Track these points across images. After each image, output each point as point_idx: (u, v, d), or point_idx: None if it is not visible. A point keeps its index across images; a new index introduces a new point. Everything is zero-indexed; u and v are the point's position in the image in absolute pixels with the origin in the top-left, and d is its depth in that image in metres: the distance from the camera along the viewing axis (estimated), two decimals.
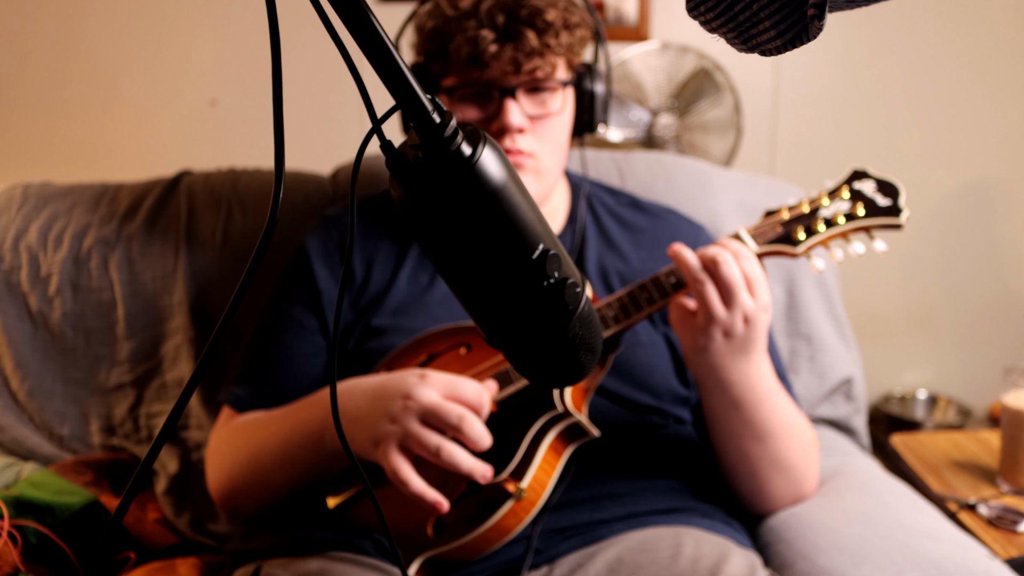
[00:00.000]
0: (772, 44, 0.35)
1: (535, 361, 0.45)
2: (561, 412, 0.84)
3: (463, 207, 0.38)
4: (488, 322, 0.43)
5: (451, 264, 0.41)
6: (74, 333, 1.32)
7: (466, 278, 0.41)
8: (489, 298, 0.42)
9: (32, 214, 1.36)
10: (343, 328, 1.02)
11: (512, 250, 0.40)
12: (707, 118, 2.05)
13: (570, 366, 0.45)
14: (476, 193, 0.38)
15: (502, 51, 0.93)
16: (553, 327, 0.42)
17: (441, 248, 0.40)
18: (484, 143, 0.38)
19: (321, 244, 1.06)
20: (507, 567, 0.85)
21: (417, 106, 0.37)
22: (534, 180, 0.99)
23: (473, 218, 0.39)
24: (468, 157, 0.38)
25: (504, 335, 0.43)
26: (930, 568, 0.83)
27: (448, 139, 0.38)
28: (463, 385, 0.82)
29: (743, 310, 0.84)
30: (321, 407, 0.90)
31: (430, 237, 0.40)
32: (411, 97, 0.37)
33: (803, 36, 0.34)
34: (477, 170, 0.38)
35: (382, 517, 0.51)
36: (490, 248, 0.39)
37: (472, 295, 0.42)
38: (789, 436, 0.92)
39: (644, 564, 0.80)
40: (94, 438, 1.30)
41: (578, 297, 0.42)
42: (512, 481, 0.82)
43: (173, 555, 1.10)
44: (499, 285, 0.41)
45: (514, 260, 0.40)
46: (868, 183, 0.91)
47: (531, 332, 0.43)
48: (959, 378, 2.34)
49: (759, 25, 0.34)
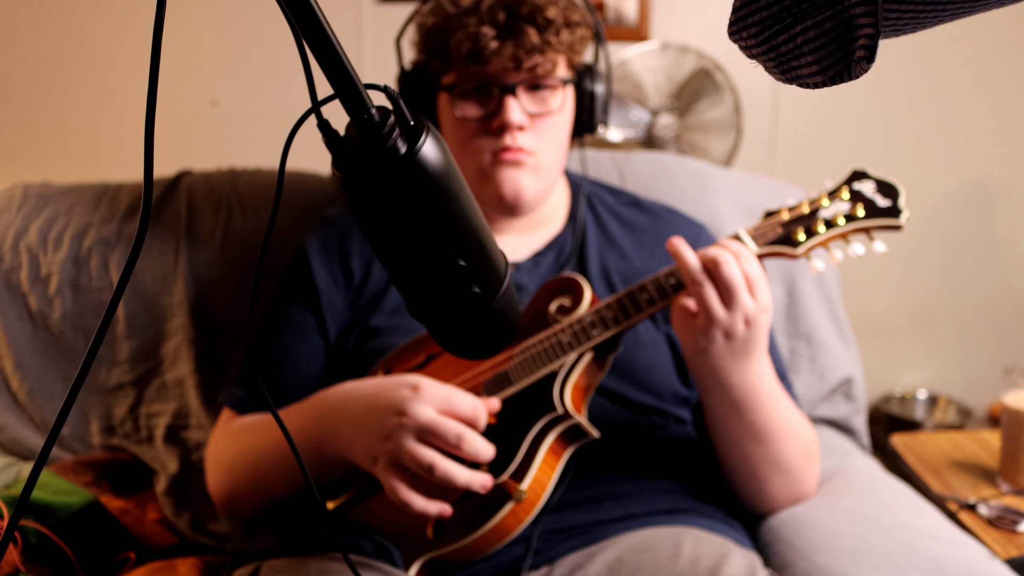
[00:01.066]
0: (812, 79, 0.34)
1: (450, 336, 0.49)
2: (561, 414, 0.84)
3: (391, 203, 0.40)
4: (410, 298, 0.47)
5: (379, 247, 0.43)
6: (74, 333, 1.32)
7: (391, 260, 0.44)
8: (410, 279, 0.45)
9: (32, 214, 1.36)
10: (341, 328, 1.02)
11: (434, 245, 0.42)
12: (707, 118, 2.05)
13: (481, 345, 0.49)
14: (405, 189, 0.39)
15: (503, 47, 0.93)
16: (463, 313, 0.46)
17: (370, 233, 0.42)
18: (423, 139, 0.39)
19: (320, 245, 1.06)
20: (507, 567, 0.85)
21: (355, 99, 0.38)
22: (533, 177, 0.99)
23: (399, 212, 0.40)
24: (402, 154, 0.38)
25: (423, 311, 0.47)
26: (930, 568, 0.83)
27: (384, 136, 0.38)
28: (458, 399, 0.81)
29: (744, 311, 0.83)
30: (318, 414, 0.89)
31: (361, 222, 0.42)
32: (349, 89, 0.38)
33: (845, 74, 0.33)
34: (409, 168, 0.39)
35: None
36: (413, 240, 0.42)
37: (395, 274, 0.45)
38: (790, 437, 0.92)
39: (644, 564, 0.80)
40: (94, 438, 1.30)
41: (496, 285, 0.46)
42: (512, 483, 0.82)
43: (173, 555, 1.10)
44: (419, 271, 0.44)
45: (435, 255, 0.42)
46: (868, 184, 0.91)
47: (445, 314, 0.46)
48: (959, 378, 2.33)
49: (801, 59, 0.34)
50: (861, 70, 0.32)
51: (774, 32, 0.34)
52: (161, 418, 1.30)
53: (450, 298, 0.45)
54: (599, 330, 0.87)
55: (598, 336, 0.87)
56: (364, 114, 0.38)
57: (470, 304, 0.45)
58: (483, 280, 0.45)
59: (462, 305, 0.45)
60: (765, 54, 0.35)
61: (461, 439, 0.78)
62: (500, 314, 0.47)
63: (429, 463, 0.77)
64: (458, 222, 0.42)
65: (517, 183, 0.98)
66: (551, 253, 1.07)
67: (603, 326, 0.88)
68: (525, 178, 0.98)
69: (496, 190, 0.98)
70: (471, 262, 0.43)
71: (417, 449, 0.78)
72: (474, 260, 0.43)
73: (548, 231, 1.08)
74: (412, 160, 0.38)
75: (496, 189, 0.98)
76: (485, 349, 0.49)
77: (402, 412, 0.80)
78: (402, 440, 0.79)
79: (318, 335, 1.01)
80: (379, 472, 0.81)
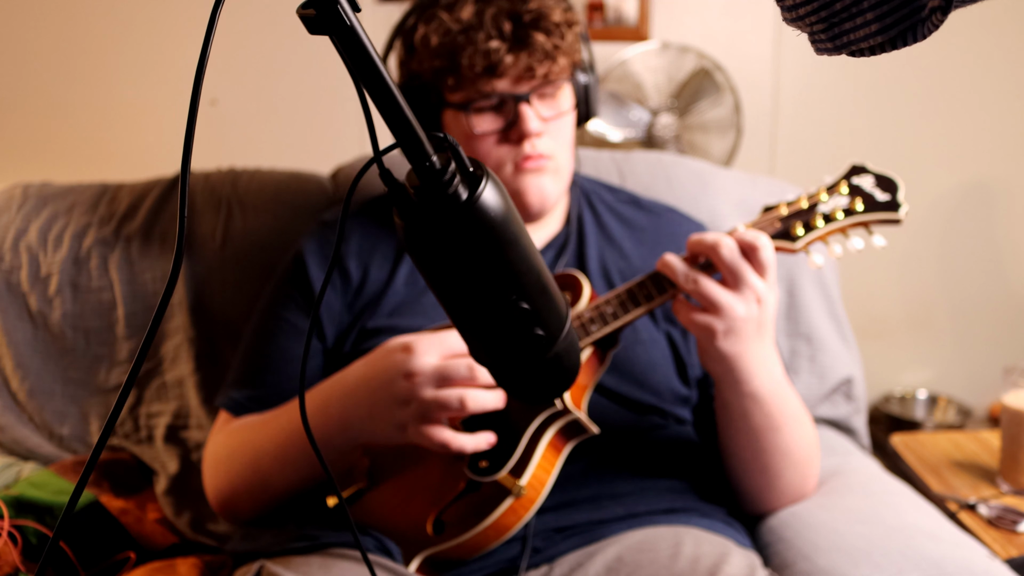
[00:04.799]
0: (869, 42, 0.31)
1: (514, 379, 0.49)
2: (560, 409, 0.84)
3: (454, 249, 0.40)
4: (472, 342, 0.47)
5: (441, 293, 0.44)
6: (74, 333, 1.32)
7: (453, 305, 0.45)
8: (473, 324, 0.45)
9: (32, 214, 1.37)
10: (339, 331, 1.02)
11: (497, 290, 0.42)
12: (707, 118, 2.05)
13: (544, 388, 0.50)
14: (467, 235, 0.40)
15: (517, 60, 0.93)
16: (526, 357, 0.46)
17: (432, 279, 0.43)
18: (484, 185, 0.40)
19: (318, 248, 1.06)
20: (506, 565, 0.85)
21: (416, 147, 0.39)
22: (554, 180, 1.00)
23: (461, 258, 0.41)
24: (463, 202, 0.39)
25: (486, 355, 0.47)
26: (930, 568, 0.83)
27: (445, 184, 0.39)
28: (451, 340, 0.84)
29: (754, 291, 0.83)
30: (318, 409, 0.90)
31: (423, 268, 0.43)
32: (411, 138, 0.38)
33: (910, 34, 0.30)
34: (470, 215, 0.39)
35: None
36: (475, 285, 0.42)
37: (458, 318, 0.45)
38: (800, 427, 0.92)
39: (644, 564, 0.80)
40: (94, 438, 1.30)
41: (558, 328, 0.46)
42: (511, 478, 0.82)
43: (173, 555, 1.10)
44: (482, 315, 0.44)
45: (498, 299, 0.43)
46: (867, 178, 0.91)
47: (508, 359, 0.47)
48: (959, 378, 2.33)
49: (858, 17, 0.30)
50: (931, 26, 0.29)
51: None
52: (161, 418, 1.30)
53: (513, 342, 0.45)
54: (598, 325, 0.87)
55: (597, 332, 0.87)
56: (426, 162, 0.39)
57: (533, 347, 0.46)
58: (545, 323, 0.45)
59: (525, 348, 0.46)
60: (815, 12, 0.31)
61: (472, 369, 0.80)
62: (563, 356, 0.48)
63: (459, 398, 0.79)
64: (520, 265, 0.42)
65: (542, 190, 0.99)
66: (550, 251, 1.07)
67: (602, 321, 0.88)
68: (548, 183, 0.99)
69: (522, 199, 0.99)
70: (534, 305, 0.44)
71: (441, 394, 0.80)
72: (536, 303, 0.44)
73: (548, 230, 1.09)
74: (473, 206, 0.39)
75: (522, 199, 0.99)
76: (548, 392, 0.50)
77: (409, 373, 0.81)
78: (423, 395, 0.80)
79: (315, 338, 1.01)
80: (412, 437, 0.82)
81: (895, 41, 0.30)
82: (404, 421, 0.82)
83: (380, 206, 1.11)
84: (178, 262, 0.37)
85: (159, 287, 1.33)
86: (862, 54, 0.31)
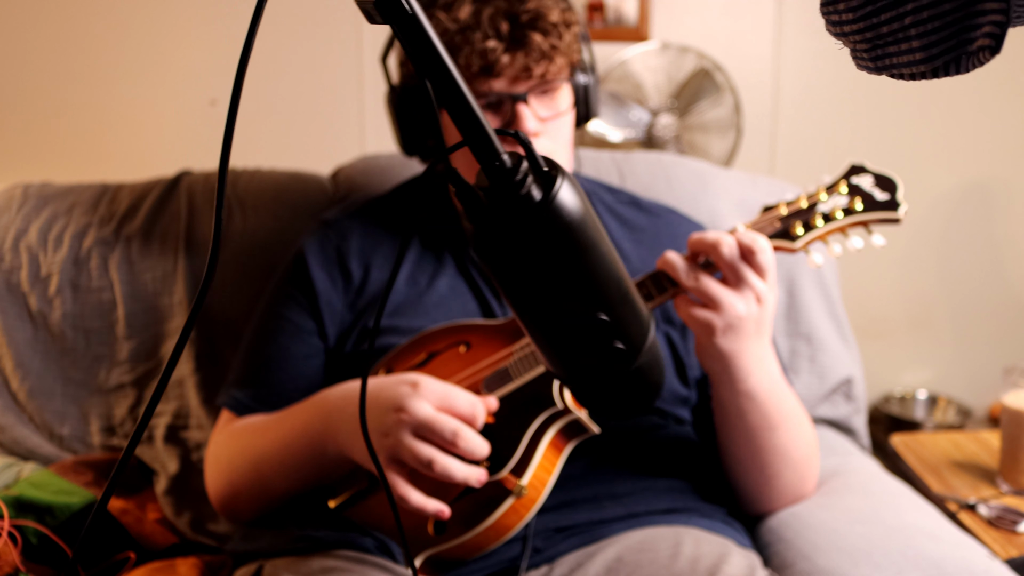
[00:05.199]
0: (911, 68, 0.30)
1: (592, 394, 0.45)
2: (561, 409, 0.84)
3: (527, 255, 0.37)
4: (548, 355, 0.43)
5: (515, 300, 0.40)
6: (74, 333, 1.32)
7: (526, 314, 0.41)
8: (548, 335, 0.41)
9: (32, 214, 1.37)
10: (341, 330, 1.02)
11: (573, 299, 0.39)
12: (707, 118, 2.05)
13: (625, 405, 0.46)
14: (542, 238, 0.37)
15: (514, 60, 0.93)
16: (605, 371, 0.42)
17: (505, 286, 0.40)
18: (559, 185, 0.37)
19: (319, 247, 1.06)
20: (506, 566, 0.85)
21: (486, 146, 0.36)
22: None
23: (536, 263, 0.38)
24: (537, 203, 0.36)
25: (563, 369, 0.43)
26: (930, 568, 0.83)
27: (517, 184, 0.36)
28: (456, 396, 0.81)
29: (754, 290, 0.83)
30: (320, 413, 0.90)
31: (496, 274, 0.39)
32: (480, 136, 0.36)
33: (953, 66, 0.29)
34: (545, 217, 0.36)
35: (398, 516, 0.52)
36: (551, 293, 0.39)
37: (532, 329, 0.42)
38: (798, 427, 0.92)
39: (643, 564, 0.80)
40: (94, 438, 1.30)
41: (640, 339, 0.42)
42: (512, 478, 0.82)
43: (173, 555, 1.10)
44: (557, 326, 0.40)
45: (574, 309, 0.39)
46: (866, 178, 0.91)
47: (585, 373, 0.43)
48: (959, 378, 2.34)
49: (903, 43, 0.30)
50: (976, 62, 0.29)
51: (879, 8, 0.30)
52: (161, 418, 1.31)
53: (592, 355, 0.41)
54: None
55: None
56: (496, 161, 0.36)
57: (613, 361, 0.42)
58: (626, 335, 0.41)
59: (605, 362, 0.42)
60: (860, 32, 0.31)
61: (457, 435, 0.78)
62: (645, 370, 0.44)
63: (428, 458, 0.78)
64: (599, 272, 0.39)
65: None
66: None
67: None
68: None
69: None
70: (613, 316, 0.40)
71: (415, 445, 0.78)
72: (616, 313, 0.40)
73: None
74: (548, 207, 0.36)
75: None
76: (629, 408, 0.46)
77: (400, 408, 0.80)
78: (400, 436, 0.79)
79: (317, 337, 1.02)
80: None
81: (936, 70, 0.30)
82: (377, 451, 0.81)
83: (381, 206, 1.11)
84: (213, 260, 0.35)
85: (159, 287, 1.33)
86: (902, 77, 0.31)
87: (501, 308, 1.01)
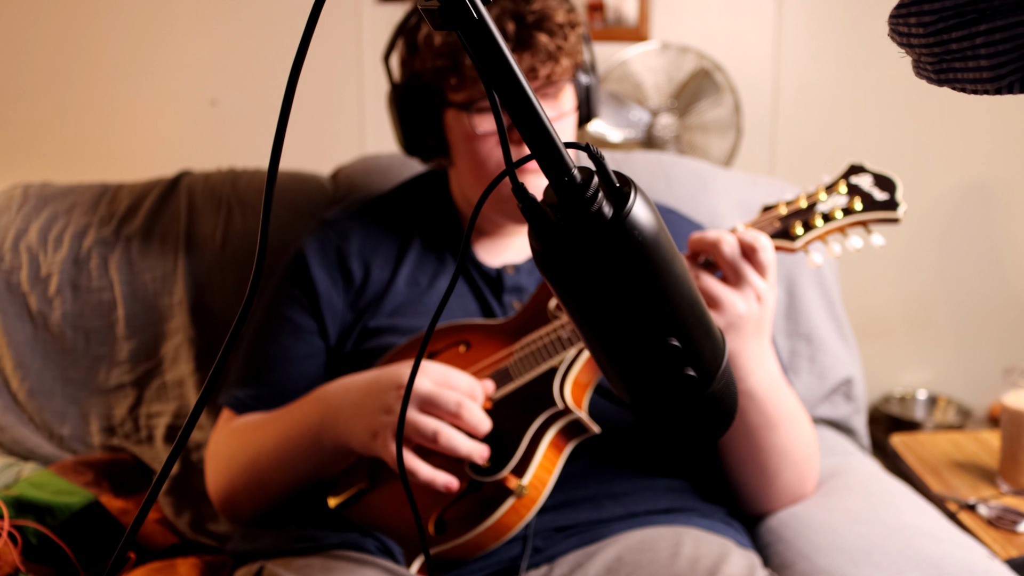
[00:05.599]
0: (977, 84, 0.30)
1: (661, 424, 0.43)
2: (561, 409, 0.84)
3: (596, 276, 0.36)
4: (615, 380, 0.42)
5: (581, 322, 0.39)
6: (74, 333, 1.32)
7: (593, 336, 0.39)
8: (615, 359, 0.40)
9: (32, 214, 1.37)
10: (341, 330, 1.02)
11: (643, 323, 0.37)
12: (707, 118, 2.05)
13: (695, 432, 0.44)
14: (613, 258, 0.35)
15: (520, 60, 0.93)
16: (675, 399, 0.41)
17: (571, 307, 0.38)
18: (632, 202, 0.35)
19: (319, 247, 1.06)
20: (507, 565, 0.85)
21: (555, 160, 0.34)
22: None
23: (606, 284, 0.36)
24: (608, 220, 0.34)
25: (631, 395, 0.41)
26: (930, 568, 0.83)
27: (587, 200, 0.35)
28: (456, 375, 0.83)
29: (754, 289, 0.83)
30: (318, 405, 0.90)
31: (563, 295, 0.38)
32: (549, 149, 0.34)
33: (1019, 84, 0.29)
34: (616, 236, 0.35)
35: (413, 505, 0.52)
36: (620, 316, 0.37)
37: (599, 352, 0.40)
38: (797, 427, 0.92)
39: (643, 563, 0.81)
40: (94, 438, 1.30)
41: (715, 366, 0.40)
42: (513, 478, 0.82)
43: (173, 555, 1.10)
44: (625, 351, 0.39)
45: (644, 334, 0.38)
46: (865, 177, 0.91)
47: (655, 400, 0.41)
48: (959, 378, 2.34)
49: (971, 60, 0.30)
50: None
51: (951, 26, 0.30)
52: (161, 418, 1.30)
53: (661, 382, 0.40)
54: None
55: None
56: (565, 176, 0.35)
57: (684, 389, 0.40)
58: (699, 361, 0.39)
59: (675, 390, 0.40)
60: (927, 47, 0.31)
61: (461, 406, 0.79)
62: (718, 399, 0.41)
63: (433, 430, 0.78)
64: (672, 295, 0.37)
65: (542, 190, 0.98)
66: None
67: None
68: None
69: None
70: (685, 341, 0.38)
71: (420, 417, 0.79)
72: (689, 338, 0.38)
73: None
74: (621, 225, 0.34)
75: None
76: (699, 436, 0.44)
77: (402, 386, 0.81)
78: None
79: (318, 336, 1.02)
80: (379, 448, 0.81)
81: (1001, 89, 0.30)
82: (377, 429, 0.81)
83: (381, 206, 1.11)
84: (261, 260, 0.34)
85: (159, 287, 1.33)
86: (963, 91, 0.31)
87: (501, 308, 1.01)
